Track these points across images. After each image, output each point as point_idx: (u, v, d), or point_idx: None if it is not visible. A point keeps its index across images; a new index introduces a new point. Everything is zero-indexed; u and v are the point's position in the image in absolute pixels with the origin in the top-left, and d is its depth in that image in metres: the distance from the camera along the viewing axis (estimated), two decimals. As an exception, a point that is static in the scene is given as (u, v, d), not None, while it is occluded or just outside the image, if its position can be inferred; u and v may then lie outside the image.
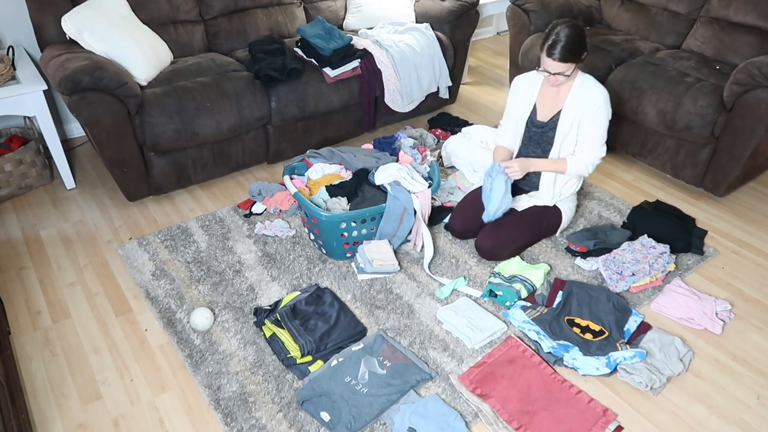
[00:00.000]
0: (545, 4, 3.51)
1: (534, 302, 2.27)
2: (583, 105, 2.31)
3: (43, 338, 2.17)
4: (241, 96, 2.81)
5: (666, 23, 3.34)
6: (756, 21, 2.98)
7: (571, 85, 2.34)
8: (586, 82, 2.33)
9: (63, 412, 1.90)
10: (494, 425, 1.82)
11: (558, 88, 2.35)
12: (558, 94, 2.37)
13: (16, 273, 2.47)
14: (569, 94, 2.34)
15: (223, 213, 2.80)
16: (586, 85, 2.33)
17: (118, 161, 2.66)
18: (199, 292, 2.34)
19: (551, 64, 2.21)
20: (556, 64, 2.20)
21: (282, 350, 2.04)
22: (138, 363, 2.07)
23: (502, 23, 5.13)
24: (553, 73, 2.22)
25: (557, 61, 2.19)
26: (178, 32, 3.11)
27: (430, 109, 3.61)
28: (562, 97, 2.36)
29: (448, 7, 3.49)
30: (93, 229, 2.74)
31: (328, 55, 2.99)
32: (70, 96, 2.44)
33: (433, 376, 1.98)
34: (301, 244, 2.59)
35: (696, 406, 1.92)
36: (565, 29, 2.16)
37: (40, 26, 2.77)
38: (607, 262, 2.40)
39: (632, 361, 1.99)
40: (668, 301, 2.28)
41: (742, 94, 2.57)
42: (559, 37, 2.16)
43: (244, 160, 3.03)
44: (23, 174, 2.91)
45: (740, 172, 2.72)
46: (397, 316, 2.23)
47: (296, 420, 1.84)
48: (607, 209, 2.82)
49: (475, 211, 2.52)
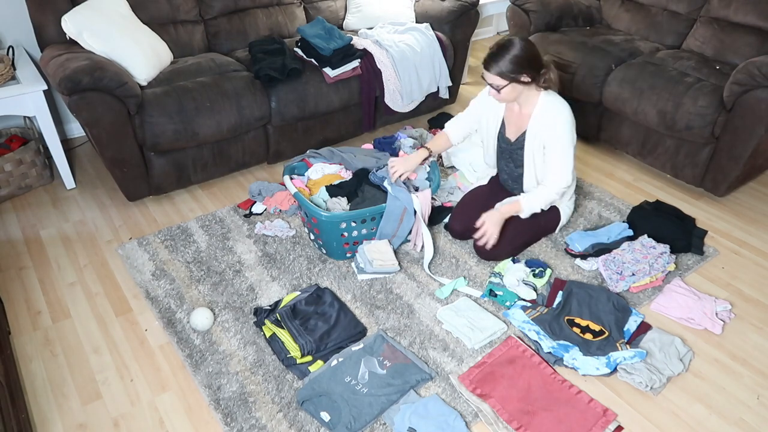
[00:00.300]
0: (545, 4, 3.51)
1: (534, 302, 2.27)
2: (545, 126, 2.29)
3: (43, 338, 2.17)
4: (241, 96, 2.81)
5: (666, 23, 3.34)
6: (756, 21, 2.98)
7: (534, 105, 2.31)
8: (549, 104, 2.29)
9: (63, 412, 1.90)
10: (494, 425, 1.82)
11: (520, 107, 2.34)
12: (521, 113, 2.36)
13: (16, 273, 2.47)
14: (532, 115, 2.32)
15: (223, 213, 2.80)
16: (547, 105, 2.29)
17: (118, 161, 2.66)
18: (199, 292, 2.34)
19: (485, 73, 2.22)
20: (488, 75, 2.20)
21: (282, 350, 2.04)
22: (138, 363, 2.07)
23: (502, 23, 5.13)
24: (488, 83, 2.23)
25: (488, 72, 2.19)
26: (178, 32, 3.11)
27: (430, 109, 3.61)
28: (526, 117, 2.35)
29: (448, 7, 3.49)
30: (93, 229, 2.74)
31: (328, 55, 2.99)
32: (70, 96, 2.44)
33: (433, 376, 1.98)
34: (301, 244, 2.59)
35: (696, 406, 1.92)
36: (509, 43, 2.15)
37: (40, 26, 2.77)
38: (607, 262, 2.40)
39: (632, 361, 1.99)
40: (668, 301, 2.28)
41: (742, 94, 2.57)
42: (497, 49, 2.16)
43: (244, 160, 3.03)
44: (23, 174, 2.91)
45: (740, 172, 2.72)
46: (397, 316, 2.23)
47: (296, 420, 1.85)
48: (607, 209, 2.83)
49: (475, 211, 2.52)
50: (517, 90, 2.23)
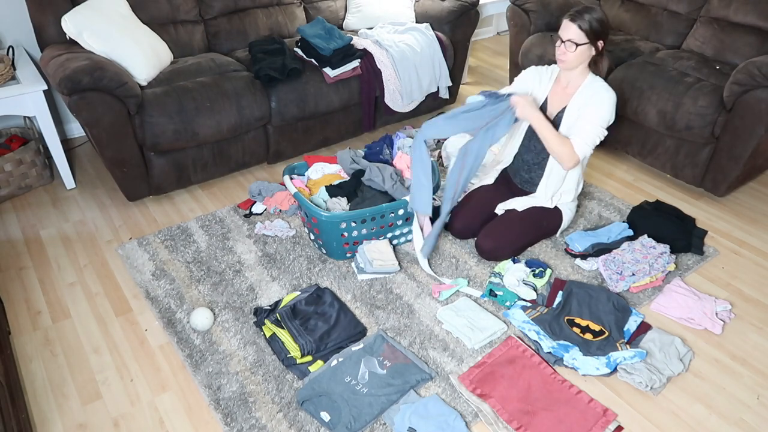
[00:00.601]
0: (545, 4, 3.51)
1: (534, 302, 2.27)
2: (588, 101, 2.29)
3: (43, 338, 2.17)
4: (241, 96, 2.81)
5: (666, 23, 3.34)
6: (756, 21, 2.98)
7: (580, 84, 2.32)
8: (596, 84, 2.31)
9: (63, 412, 1.90)
10: (494, 425, 1.82)
11: (568, 82, 2.33)
12: (565, 91, 2.36)
13: (16, 273, 2.47)
14: (576, 92, 2.32)
15: (223, 213, 2.80)
16: (594, 86, 2.30)
17: (118, 161, 2.66)
18: (199, 292, 2.34)
19: (568, 28, 2.19)
20: (573, 29, 2.18)
21: (282, 350, 2.04)
22: (138, 363, 2.07)
23: (502, 23, 5.13)
24: (565, 39, 2.21)
25: (575, 25, 2.18)
26: (178, 32, 3.11)
27: (430, 109, 3.61)
28: (569, 94, 2.35)
29: (448, 7, 3.50)
30: (93, 229, 2.74)
31: (328, 55, 2.99)
32: (70, 96, 2.44)
33: (433, 376, 1.98)
34: (301, 244, 2.59)
35: (696, 406, 1.92)
36: (593, 8, 2.21)
37: (40, 26, 2.77)
38: (607, 262, 2.40)
39: (632, 361, 1.99)
40: (668, 301, 2.28)
41: (742, 94, 2.57)
42: (584, 8, 2.20)
43: (244, 160, 3.03)
44: (23, 174, 2.91)
45: (740, 172, 2.72)
46: (397, 316, 2.23)
47: (296, 420, 1.85)
48: (607, 209, 2.83)
49: (477, 210, 2.52)
50: (584, 56, 2.24)
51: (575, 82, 2.33)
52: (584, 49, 2.21)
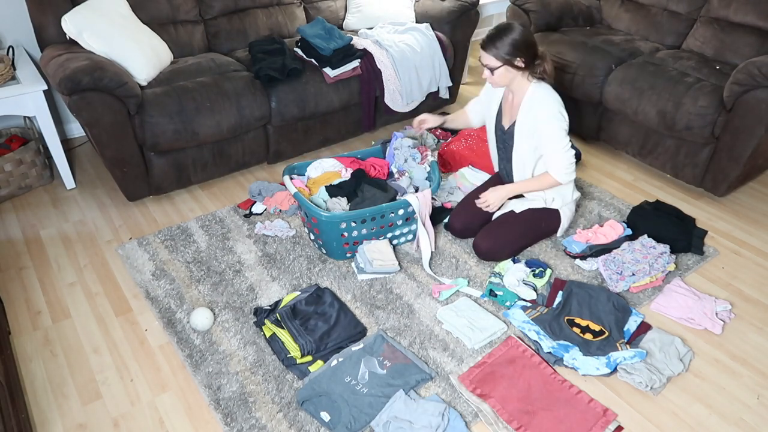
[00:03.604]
0: (545, 4, 3.51)
1: (534, 302, 2.27)
2: (533, 115, 2.30)
3: (43, 338, 2.17)
4: (241, 96, 2.81)
5: (666, 23, 3.34)
6: (756, 21, 2.98)
7: (523, 95, 2.33)
8: (537, 93, 2.30)
9: (63, 412, 1.90)
10: (494, 425, 1.82)
11: (513, 95, 2.37)
12: (513, 102, 2.39)
13: (16, 273, 2.47)
14: (522, 103, 2.34)
15: (223, 213, 2.80)
16: (537, 95, 2.30)
17: (118, 161, 2.66)
18: (199, 292, 2.34)
19: (482, 54, 2.26)
20: (484, 55, 2.24)
21: (282, 350, 2.04)
22: (138, 363, 2.07)
23: (502, 23, 5.12)
24: (483, 63, 2.26)
25: (483, 50, 2.24)
26: (178, 32, 3.10)
27: (430, 109, 3.60)
28: (516, 106, 2.37)
29: (448, 7, 3.49)
30: (93, 229, 2.74)
31: (328, 55, 2.99)
32: (70, 96, 2.44)
33: (433, 376, 1.98)
34: (301, 244, 2.59)
35: (696, 406, 1.92)
36: (508, 27, 2.20)
37: (40, 26, 2.77)
38: (607, 262, 2.40)
39: (632, 361, 1.99)
40: (668, 301, 2.28)
41: (742, 94, 2.57)
42: (496, 31, 2.21)
43: (244, 160, 3.03)
44: (23, 174, 2.91)
45: (740, 172, 2.72)
46: (397, 316, 2.23)
47: (296, 420, 1.84)
48: (607, 209, 2.82)
49: (476, 210, 2.52)
50: (510, 74, 2.26)
51: (518, 94, 2.35)
52: (501, 71, 2.24)
